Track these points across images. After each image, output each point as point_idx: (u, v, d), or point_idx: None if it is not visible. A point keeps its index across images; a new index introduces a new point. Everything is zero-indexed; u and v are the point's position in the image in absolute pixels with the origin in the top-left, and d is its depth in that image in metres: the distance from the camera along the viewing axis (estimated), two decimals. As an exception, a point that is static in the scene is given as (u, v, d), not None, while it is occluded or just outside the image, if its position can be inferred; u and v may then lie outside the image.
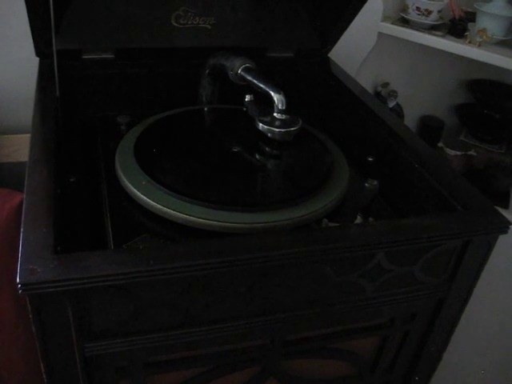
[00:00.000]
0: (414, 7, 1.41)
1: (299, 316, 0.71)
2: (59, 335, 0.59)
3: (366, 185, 0.74)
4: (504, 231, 0.72)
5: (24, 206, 0.63)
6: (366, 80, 1.48)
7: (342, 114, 1.10)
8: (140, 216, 0.76)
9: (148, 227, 0.75)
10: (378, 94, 1.60)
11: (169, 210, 0.74)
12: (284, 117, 0.86)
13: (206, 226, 0.73)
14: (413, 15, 1.42)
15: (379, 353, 0.86)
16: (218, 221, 0.73)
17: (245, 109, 0.93)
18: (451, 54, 1.39)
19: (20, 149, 1.23)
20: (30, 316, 0.56)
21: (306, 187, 0.82)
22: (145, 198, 0.76)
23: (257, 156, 0.87)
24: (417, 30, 1.42)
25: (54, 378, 0.62)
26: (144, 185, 0.78)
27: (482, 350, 1.69)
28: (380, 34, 1.46)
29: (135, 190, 0.77)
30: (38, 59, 0.99)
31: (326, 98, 1.15)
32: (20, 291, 0.52)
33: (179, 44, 1.07)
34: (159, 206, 0.75)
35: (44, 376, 0.62)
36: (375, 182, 0.74)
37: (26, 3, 0.85)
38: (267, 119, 0.86)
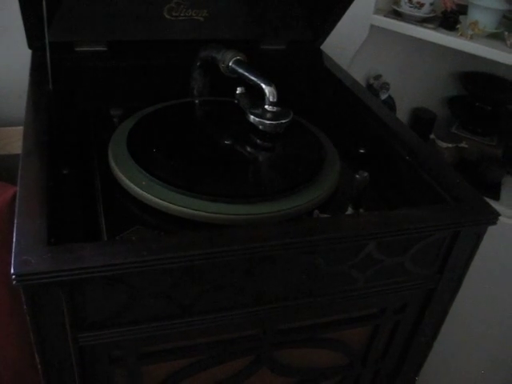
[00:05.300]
0: (406, 0, 1.41)
1: (291, 306, 0.72)
2: (53, 326, 0.59)
3: (357, 176, 0.74)
4: (493, 222, 0.73)
5: (17, 198, 0.63)
6: (358, 72, 1.48)
7: (333, 107, 1.10)
8: (133, 207, 0.77)
9: (141, 218, 0.75)
10: (370, 87, 1.60)
11: (162, 202, 0.74)
12: (275, 109, 0.86)
13: (197, 217, 0.73)
14: (405, 8, 1.43)
15: (370, 342, 0.87)
16: (210, 212, 0.73)
17: (236, 101, 0.93)
18: (443, 46, 1.39)
19: (13, 141, 1.23)
20: (24, 307, 0.56)
21: (297, 179, 0.82)
22: (138, 189, 0.76)
23: (248, 148, 0.88)
24: (409, 22, 1.42)
25: (49, 369, 0.63)
26: (137, 176, 0.78)
27: (482, 349, 1.70)
28: (372, 27, 1.47)
29: (128, 182, 0.78)
30: (30, 51, 0.99)
31: (318, 90, 1.16)
32: (14, 282, 0.53)
33: (172, 36, 1.07)
34: (152, 197, 0.75)
35: (39, 366, 0.62)
36: (366, 174, 0.74)
37: (19, -5, 0.85)
38: (258, 111, 0.86)
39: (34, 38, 0.96)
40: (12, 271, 0.53)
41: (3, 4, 1.13)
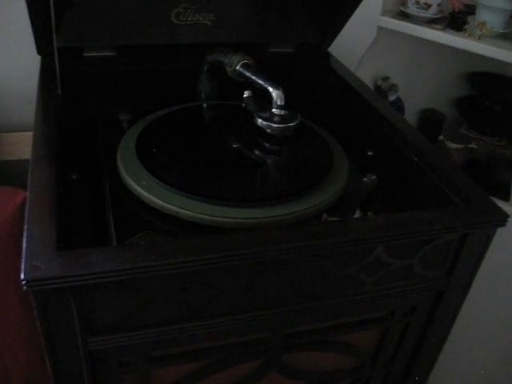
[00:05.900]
0: (414, 1, 1.41)
1: (300, 310, 0.72)
2: (63, 330, 0.60)
3: (365, 179, 0.75)
4: (502, 224, 0.73)
5: (27, 203, 0.63)
6: (366, 74, 1.48)
7: (341, 109, 1.10)
8: (142, 212, 0.77)
9: (150, 223, 0.76)
10: (378, 88, 1.60)
11: (170, 206, 0.75)
12: (283, 112, 0.86)
13: (206, 221, 0.74)
14: (412, 9, 1.42)
15: (380, 345, 0.87)
16: (218, 216, 0.73)
17: (244, 105, 0.93)
18: (451, 47, 1.39)
19: (22, 146, 1.23)
20: (35, 312, 0.57)
21: (305, 182, 0.82)
22: (146, 194, 0.77)
23: (256, 152, 0.88)
24: (416, 23, 1.42)
25: (59, 373, 0.63)
26: (145, 181, 0.79)
27: (482, 348, 1.69)
28: (379, 28, 1.46)
29: (137, 187, 0.78)
30: (39, 57, 1.00)
31: (326, 92, 1.16)
32: (24, 288, 0.53)
33: (180, 41, 1.07)
34: (160, 202, 0.75)
35: (49, 371, 0.63)
36: (374, 177, 0.74)
37: (27, 1, 0.85)
38: (266, 115, 0.87)
39: (42, 43, 0.96)
40: (22, 277, 0.53)
41: (12, 10, 1.14)
